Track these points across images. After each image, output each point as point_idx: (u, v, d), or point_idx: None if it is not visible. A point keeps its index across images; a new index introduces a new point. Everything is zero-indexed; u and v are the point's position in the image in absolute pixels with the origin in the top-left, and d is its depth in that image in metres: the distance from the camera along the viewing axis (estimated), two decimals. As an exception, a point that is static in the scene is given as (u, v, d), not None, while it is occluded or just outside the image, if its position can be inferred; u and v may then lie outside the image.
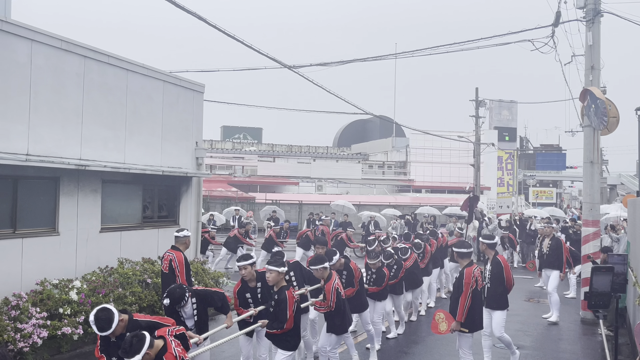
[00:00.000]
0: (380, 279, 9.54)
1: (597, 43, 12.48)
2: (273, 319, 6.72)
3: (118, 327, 5.12)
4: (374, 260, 9.60)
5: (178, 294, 6.45)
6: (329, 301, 7.36)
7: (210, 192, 36.52)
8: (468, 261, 7.81)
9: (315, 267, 7.53)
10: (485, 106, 39.45)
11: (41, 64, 9.40)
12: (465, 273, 7.59)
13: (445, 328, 7.56)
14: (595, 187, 12.58)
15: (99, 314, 5.06)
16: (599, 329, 11.28)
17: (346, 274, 8.70)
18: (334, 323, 7.53)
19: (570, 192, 75.87)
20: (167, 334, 5.03)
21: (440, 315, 7.69)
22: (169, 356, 4.83)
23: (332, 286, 7.38)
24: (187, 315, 6.62)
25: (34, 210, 9.51)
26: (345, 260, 8.79)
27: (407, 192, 51.39)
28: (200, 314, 6.69)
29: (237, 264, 7.32)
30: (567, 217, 30.03)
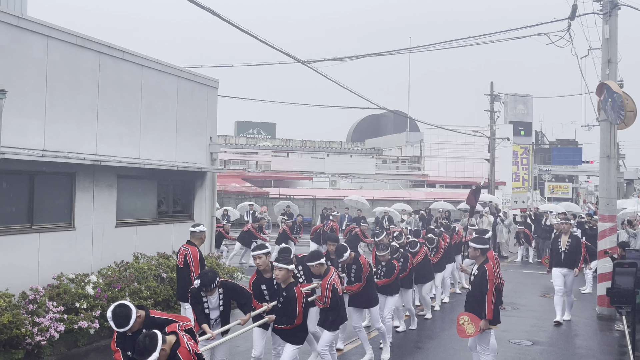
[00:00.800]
0: (390, 271, 9.46)
1: (614, 36, 12.35)
2: (281, 315, 6.75)
3: (135, 324, 5.13)
4: (383, 252, 9.51)
5: (210, 276, 6.49)
6: (324, 297, 7.34)
7: (225, 187, 36.62)
8: (484, 258, 7.56)
9: (312, 263, 7.49)
10: (500, 100, 39.25)
11: (57, 60, 9.47)
12: (487, 270, 7.32)
13: (473, 330, 7.35)
14: (611, 182, 12.46)
15: (117, 311, 5.06)
16: (616, 325, 11.21)
17: (355, 268, 8.67)
18: (327, 319, 7.49)
19: (586, 187, 75.15)
20: (177, 329, 5.05)
21: (465, 318, 7.46)
22: (183, 350, 4.84)
23: (328, 282, 7.33)
24: (212, 306, 6.64)
25: (50, 206, 9.59)
26: (355, 255, 8.74)
27: (421, 187, 51.20)
28: (225, 306, 6.72)
29: (252, 254, 7.36)
30: (584, 212, 29.80)
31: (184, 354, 4.84)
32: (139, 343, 4.69)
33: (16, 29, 8.77)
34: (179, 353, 4.82)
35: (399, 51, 17.59)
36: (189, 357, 4.85)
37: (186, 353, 4.85)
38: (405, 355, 9.27)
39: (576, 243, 11.84)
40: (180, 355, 4.82)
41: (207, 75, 13.71)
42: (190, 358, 4.87)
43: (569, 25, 14.08)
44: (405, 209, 28.68)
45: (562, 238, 11.89)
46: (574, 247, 11.72)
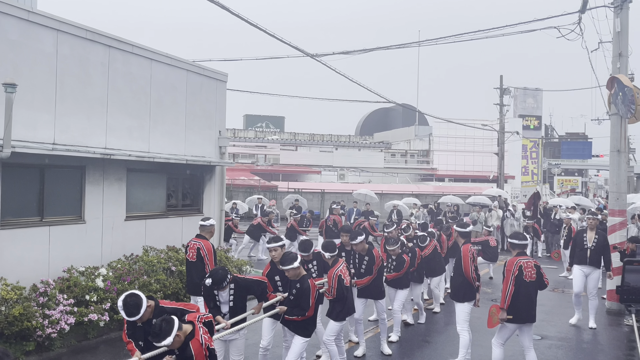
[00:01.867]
0: (400, 265, 9.48)
1: (625, 29, 12.26)
2: (294, 306, 6.77)
3: (146, 313, 5.20)
4: (393, 246, 9.51)
5: (220, 275, 6.50)
6: (331, 288, 7.40)
7: (233, 181, 36.70)
8: (518, 251, 7.73)
9: (327, 253, 7.66)
10: (509, 94, 39.00)
11: (67, 53, 9.50)
12: (507, 262, 7.59)
13: (496, 320, 7.51)
14: (621, 177, 12.40)
15: (128, 300, 5.13)
16: (625, 320, 11.17)
17: (367, 259, 8.68)
18: (334, 309, 7.54)
19: (596, 181, 74.82)
20: (196, 319, 5.09)
21: (492, 310, 7.64)
22: (195, 342, 4.88)
23: (334, 273, 7.39)
24: (223, 300, 6.67)
25: (60, 199, 9.65)
26: (369, 247, 8.74)
27: (429, 181, 51.10)
28: (237, 302, 6.73)
29: (267, 246, 7.39)
30: (594, 206, 29.65)
31: (196, 347, 4.87)
32: (155, 326, 4.75)
33: (26, 22, 8.81)
34: (191, 344, 4.86)
35: (408, 44, 17.53)
36: (200, 351, 4.88)
37: (198, 346, 4.88)
38: (414, 349, 9.28)
39: (604, 240, 11.03)
40: (192, 347, 4.86)
41: (216, 69, 13.72)
42: (202, 352, 4.89)
43: (580, 19, 14.00)
44: (415, 202, 28.63)
45: (589, 234, 11.12)
46: (601, 244, 10.94)
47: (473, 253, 8.28)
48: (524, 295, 7.50)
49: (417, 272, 10.48)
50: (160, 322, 4.71)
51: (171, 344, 4.71)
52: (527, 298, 7.53)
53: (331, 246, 7.79)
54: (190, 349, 4.84)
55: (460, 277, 8.29)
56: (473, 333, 9.99)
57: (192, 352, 4.85)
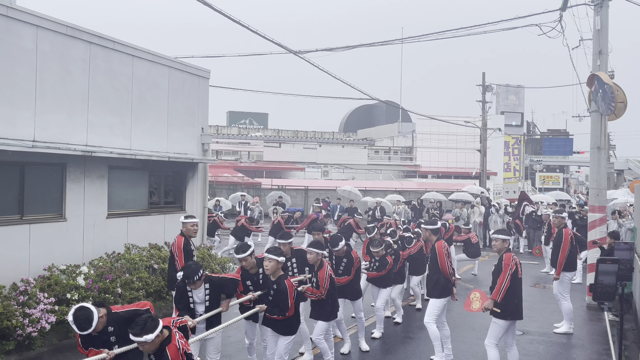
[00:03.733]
0: (383, 266, 9.53)
1: (605, 27, 12.38)
2: (273, 306, 6.72)
3: (99, 324, 5.02)
4: (377, 248, 9.54)
5: (193, 268, 6.38)
6: (322, 288, 7.38)
7: (217, 178, 36.57)
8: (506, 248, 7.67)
9: (316, 250, 7.52)
10: (492, 91, 39.32)
11: (47, 50, 9.40)
12: (504, 257, 7.46)
13: (478, 306, 7.46)
14: (602, 173, 12.52)
15: (78, 314, 4.92)
16: (602, 314, 11.30)
17: (346, 261, 8.68)
18: (324, 309, 7.54)
19: (577, 178, 75.60)
20: (171, 324, 5.02)
21: (476, 294, 7.61)
22: (172, 347, 4.80)
23: (327, 273, 7.41)
24: (198, 300, 6.58)
25: (41, 197, 9.56)
26: (347, 248, 8.71)
27: (413, 178, 51.30)
28: (212, 301, 6.64)
29: (237, 257, 7.18)
30: (574, 202, 29.97)
31: (173, 351, 4.78)
32: (140, 320, 4.69)
33: (5, 18, 8.70)
34: (167, 349, 4.78)
35: (391, 42, 17.57)
36: (177, 355, 4.79)
37: (175, 351, 4.80)
38: (397, 344, 9.33)
39: (557, 239, 10.56)
40: (168, 352, 4.77)
41: (198, 65, 13.66)
42: (179, 356, 4.81)
43: (561, 16, 14.13)
44: (398, 199, 28.75)
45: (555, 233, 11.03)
46: (555, 243, 10.65)
47: (447, 248, 8.31)
48: (517, 291, 7.51)
49: (399, 271, 10.52)
50: (146, 318, 4.67)
51: (150, 343, 4.66)
52: (519, 294, 7.55)
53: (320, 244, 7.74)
54: (167, 354, 4.76)
55: (436, 275, 8.26)
56: (455, 329, 10.07)
57: (169, 357, 4.77)
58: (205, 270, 6.72)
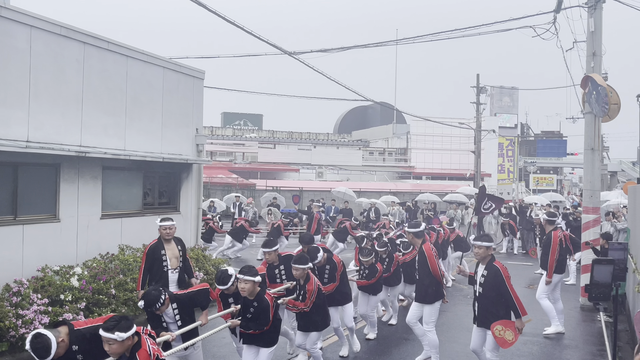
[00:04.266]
0: (372, 274, 9.33)
1: (599, 29, 12.42)
2: (252, 322, 6.36)
3: (59, 349, 4.72)
4: (366, 257, 9.33)
5: (152, 296, 6.04)
6: (308, 301, 7.21)
7: (211, 179, 36.53)
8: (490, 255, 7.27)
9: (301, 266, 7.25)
10: (486, 93, 39.37)
11: (41, 50, 9.37)
12: (501, 267, 7.09)
13: (512, 337, 6.92)
14: (595, 174, 12.57)
15: (35, 342, 4.60)
16: (598, 316, 11.33)
17: (329, 268, 8.47)
18: (314, 321, 7.40)
19: (570, 179, 75.83)
20: (141, 330, 4.89)
21: (498, 327, 6.95)
22: (143, 353, 4.66)
23: (314, 286, 7.26)
24: (169, 320, 6.33)
25: (34, 197, 9.52)
26: (327, 255, 8.52)
27: (407, 179, 51.38)
28: (184, 318, 6.36)
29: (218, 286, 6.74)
30: (568, 203, 30.05)
31: (143, 357, 4.66)
32: (113, 317, 4.64)
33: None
34: (137, 355, 4.66)
35: (385, 43, 17.58)
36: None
37: (146, 356, 4.67)
38: (392, 346, 9.33)
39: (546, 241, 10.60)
40: (138, 358, 4.66)
41: (193, 66, 13.63)
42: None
43: (555, 18, 14.17)
44: (393, 200, 28.79)
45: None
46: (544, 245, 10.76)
47: (435, 251, 8.17)
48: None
49: (395, 274, 10.40)
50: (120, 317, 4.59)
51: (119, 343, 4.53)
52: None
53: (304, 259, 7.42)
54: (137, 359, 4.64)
55: (427, 278, 8.07)
56: (448, 330, 10.09)
57: None
58: (170, 293, 6.29)
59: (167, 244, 8.71)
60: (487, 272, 7.13)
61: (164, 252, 8.63)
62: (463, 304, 12.22)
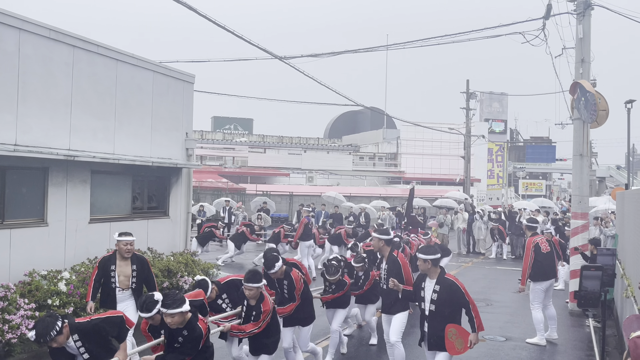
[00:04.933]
0: (339, 288, 8.59)
1: (588, 36, 12.52)
2: (174, 350, 5.71)
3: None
4: (333, 276, 8.54)
5: (42, 326, 5.13)
6: (262, 322, 6.49)
7: (201, 183, 36.45)
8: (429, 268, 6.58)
9: (254, 284, 6.53)
10: (476, 98, 39.63)
11: (29, 53, 9.31)
12: (459, 283, 6.51)
13: (462, 346, 6.38)
14: (584, 180, 12.64)
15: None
16: (587, 321, 11.38)
17: (287, 284, 7.47)
18: (265, 343, 6.74)
19: (559, 185, 76.33)
20: None
21: (452, 330, 6.42)
22: None
23: (271, 306, 6.63)
24: (74, 352, 5.46)
25: (22, 201, 9.44)
26: (286, 268, 7.49)
27: (397, 184, 51.48)
28: (93, 351, 5.46)
29: (165, 311, 5.60)
30: (556, 208, 30.20)
31: None
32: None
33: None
34: None
35: (376, 48, 17.63)
36: None
37: None
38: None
39: None
40: None
41: (183, 70, 13.60)
42: None
43: (544, 25, 14.26)
44: (383, 205, 28.83)
45: None
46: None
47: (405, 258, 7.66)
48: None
49: (372, 291, 9.43)
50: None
51: None
52: None
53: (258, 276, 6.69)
54: None
55: None
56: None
57: None
58: (72, 322, 5.39)
59: (120, 260, 7.99)
60: (439, 287, 6.44)
61: (114, 268, 7.95)
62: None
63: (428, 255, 6.47)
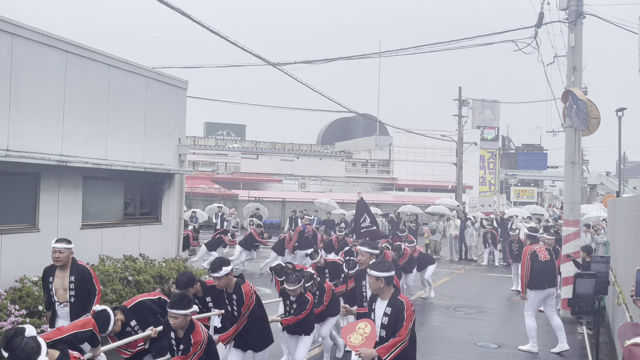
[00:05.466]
0: (302, 306, 7.32)
1: (579, 44, 12.60)
2: None
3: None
4: (294, 285, 7.22)
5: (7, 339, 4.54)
6: (192, 356, 5.46)
7: (193, 189, 36.36)
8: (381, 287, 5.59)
9: (180, 312, 5.37)
10: (468, 105, 39.76)
11: (22, 58, 9.28)
12: (407, 302, 5.45)
13: (357, 342, 5.37)
14: (576, 187, 12.70)
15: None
16: (579, 328, 11.41)
17: (236, 298, 6.48)
18: None
19: (551, 192, 76.64)
20: None
21: (364, 325, 5.51)
22: None
23: (204, 336, 5.55)
24: None
25: (13, 207, 9.39)
26: (237, 281, 6.54)
27: (390, 191, 51.55)
28: None
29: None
30: (547, 215, 30.32)
31: None
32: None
33: (-20, 25, 8.58)
34: None
35: (369, 55, 17.69)
36: None
37: None
38: None
39: None
40: None
41: (176, 76, 13.59)
42: None
43: (536, 33, 14.37)
44: (376, 212, 28.85)
45: None
46: None
47: None
48: None
49: (333, 305, 8.51)
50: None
51: None
52: None
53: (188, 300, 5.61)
54: None
55: None
56: (430, 342, 10.07)
57: None
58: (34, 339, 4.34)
59: (59, 270, 7.21)
60: (391, 310, 5.47)
61: (52, 280, 7.16)
62: (444, 316, 12.25)
63: (381, 273, 5.47)
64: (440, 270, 15.57)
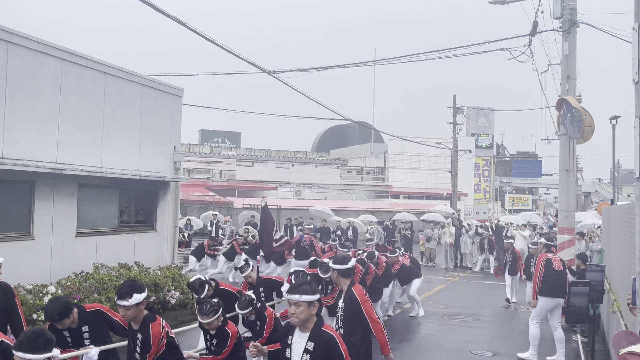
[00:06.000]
0: (222, 343, 5.94)
1: (573, 53, 12.66)
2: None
3: None
4: (207, 318, 5.86)
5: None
6: None
7: (188, 197, 36.28)
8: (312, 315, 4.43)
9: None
10: (462, 113, 39.89)
11: (17, 66, 9.28)
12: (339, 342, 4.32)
13: None
14: (570, 195, 12.73)
15: None
16: (574, 336, 11.41)
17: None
18: None
19: (545, 199, 76.82)
20: None
21: None
22: None
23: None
24: None
25: (8, 214, 9.36)
26: (148, 318, 5.21)
27: (385, 198, 51.57)
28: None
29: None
30: (541, 222, 30.37)
31: None
32: None
33: (-25, 33, 8.58)
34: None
35: (364, 63, 17.75)
36: None
37: None
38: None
39: None
40: None
41: (171, 83, 13.61)
42: None
43: (530, 42, 14.43)
44: (371, 219, 28.85)
45: None
46: None
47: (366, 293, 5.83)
48: None
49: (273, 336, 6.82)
50: None
51: None
52: None
53: None
54: None
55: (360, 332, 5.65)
56: (426, 350, 10.06)
57: None
58: None
59: None
60: (314, 346, 4.29)
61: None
62: (440, 324, 12.24)
63: (304, 296, 4.27)
64: (435, 278, 15.56)
